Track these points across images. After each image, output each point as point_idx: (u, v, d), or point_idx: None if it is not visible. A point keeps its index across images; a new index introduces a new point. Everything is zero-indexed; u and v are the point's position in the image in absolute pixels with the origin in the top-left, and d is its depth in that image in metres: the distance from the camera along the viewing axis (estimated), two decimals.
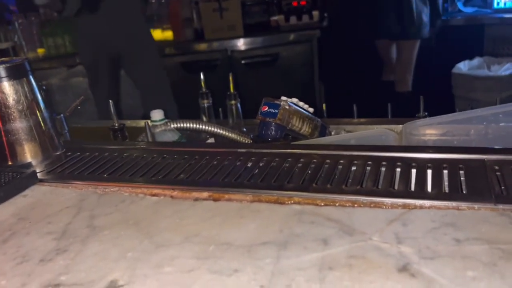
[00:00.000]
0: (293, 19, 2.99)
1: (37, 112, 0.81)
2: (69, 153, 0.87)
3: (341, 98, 2.21)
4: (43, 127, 0.82)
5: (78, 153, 0.87)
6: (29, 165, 0.80)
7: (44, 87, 1.13)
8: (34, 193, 0.73)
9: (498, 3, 3.05)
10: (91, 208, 0.66)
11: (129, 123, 1.40)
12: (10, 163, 0.80)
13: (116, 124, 1.10)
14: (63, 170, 0.80)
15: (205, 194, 0.65)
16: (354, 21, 3.09)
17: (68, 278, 0.50)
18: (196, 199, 0.64)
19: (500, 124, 0.91)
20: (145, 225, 0.59)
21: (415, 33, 2.80)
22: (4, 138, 0.79)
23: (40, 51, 3.15)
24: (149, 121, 1.07)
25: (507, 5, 3.02)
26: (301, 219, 0.56)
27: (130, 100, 2.52)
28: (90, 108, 2.45)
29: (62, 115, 1.18)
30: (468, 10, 3.11)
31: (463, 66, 2.72)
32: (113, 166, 0.79)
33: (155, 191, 0.68)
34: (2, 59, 0.84)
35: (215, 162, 0.75)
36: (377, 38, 2.98)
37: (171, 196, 0.66)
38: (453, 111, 0.98)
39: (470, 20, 2.99)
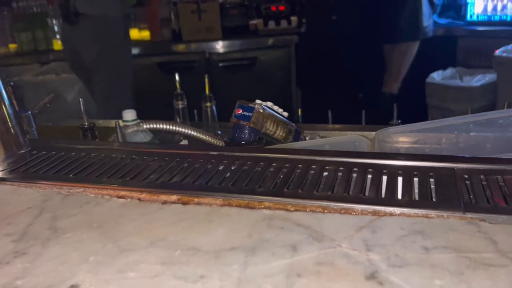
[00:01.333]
0: (271, 24, 3.00)
1: (1, 109, 0.78)
2: (35, 152, 0.84)
3: (317, 104, 2.22)
4: (7, 124, 0.79)
5: (44, 152, 0.84)
6: None
7: (12, 83, 1.09)
8: None
9: (471, 16, 3.13)
10: (54, 209, 0.63)
11: (100, 122, 1.37)
12: None
13: (86, 123, 1.07)
14: (27, 169, 0.77)
15: (174, 197, 0.63)
16: (331, 28, 3.12)
17: (26, 282, 0.48)
18: (165, 202, 0.63)
19: (471, 134, 0.93)
20: (110, 228, 0.57)
21: (414, 35, 2.85)
22: None
23: (12, 46, 3.06)
24: (120, 121, 1.05)
25: (480, 18, 3.11)
26: (270, 224, 0.55)
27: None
28: (62, 106, 2.39)
29: (29, 112, 1.15)
30: (442, 21, 3.18)
31: (436, 76, 2.77)
32: (79, 166, 0.76)
33: (122, 193, 0.66)
34: None
35: (186, 165, 0.74)
36: (380, 43, 3.00)
37: (139, 199, 0.64)
38: (426, 119, 0.99)
39: (444, 32, 3.05)
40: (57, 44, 2.96)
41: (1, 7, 3.04)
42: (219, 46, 2.95)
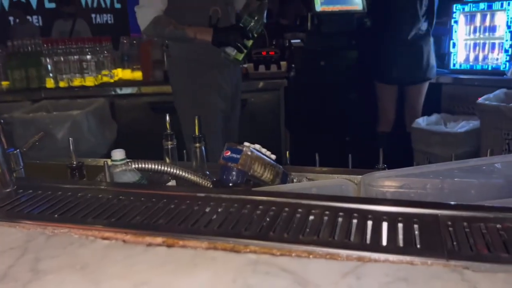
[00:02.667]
0: (261, 68, 3.07)
1: None
2: (21, 191, 0.83)
3: (305, 146, 2.25)
4: None
5: (31, 191, 0.83)
6: None
7: (2, 121, 1.10)
8: None
9: (454, 65, 3.25)
10: (37, 250, 0.62)
11: (89, 161, 1.37)
12: None
13: (74, 162, 1.06)
14: (12, 208, 0.76)
15: (159, 240, 0.63)
16: (319, 73, 3.21)
17: None
18: (149, 244, 0.62)
19: (455, 179, 0.95)
20: (93, 270, 0.56)
21: (424, 76, 2.98)
22: None
23: (4, 83, 3.07)
24: (108, 160, 1.05)
25: (463, 67, 3.22)
26: (256, 269, 0.55)
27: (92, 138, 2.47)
28: (52, 144, 2.38)
29: (18, 150, 1.14)
30: None
31: (422, 122, 2.84)
32: (65, 206, 0.76)
33: (107, 234, 0.65)
34: None
35: (172, 206, 0.74)
36: (381, 82, 3.10)
37: (123, 240, 0.64)
38: (411, 164, 1.01)
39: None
40: (50, 82, 2.99)
41: None
42: None
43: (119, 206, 0.75)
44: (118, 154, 1.10)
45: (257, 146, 0.99)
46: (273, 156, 1.02)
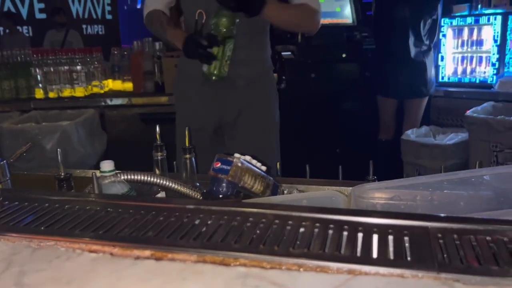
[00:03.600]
0: None
1: None
2: (6, 203, 0.82)
3: (295, 158, 2.25)
4: None
5: (16, 203, 0.82)
6: None
7: None
8: None
9: (442, 77, 3.29)
10: (22, 264, 0.61)
11: (78, 172, 1.35)
12: None
13: (62, 173, 1.05)
14: None
15: (147, 253, 0.62)
16: (310, 85, 3.24)
17: None
18: (137, 258, 0.61)
19: (445, 191, 0.95)
20: (79, 284, 0.55)
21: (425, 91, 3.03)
22: None
23: None
24: (97, 172, 1.03)
25: (451, 80, 3.26)
26: (245, 283, 0.54)
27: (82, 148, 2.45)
28: (40, 155, 2.36)
29: (5, 161, 1.13)
30: None
31: (411, 133, 2.86)
32: (52, 218, 0.74)
33: (94, 247, 0.64)
34: None
35: (161, 218, 0.73)
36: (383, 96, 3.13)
37: (111, 253, 0.63)
38: (401, 176, 1.02)
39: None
40: (39, 93, 2.97)
41: None
42: None
43: (107, 218, 0.74)
44: (107, 165, 1.09)
45: (248, 158, 0.99)
46: (264, 168, 1.02)
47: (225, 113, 1.79)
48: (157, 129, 1.23)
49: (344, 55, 3.25)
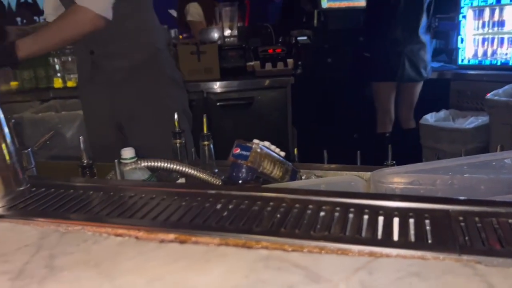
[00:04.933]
0: (268, 66, 3.07)
1: (3, 145, 0.79)
2: (34, 189, 0.85)
3: (313, 143, 2.25)
4: (8, 161, 0.80)
5: (43, 189, 0.84)
6: None
7: (13, 120, 1.11)
8: None
9: (462, 60, 3.23)
10: (52, 247, 0.63)
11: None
12: None
13: (85, 161, 1.07)
14: (25, 206, 0.77)
15: (171, 236, 0.64)
16: (326, 70, 3.21)
17: None
18: (162, 241, 0.63)
19: (465, 175, 0.94)
20: (107, 266, 0.57)
21: (420, 75, 2.97)
22: None
23: (13, 84, 3.10)
24: (119, 160, 1.05)
25: (471, 62, 3.20)
26: (268, 265, 0.55)
27: None
28: (61, 143, 2.40)
29: (30, 149, 1.15)
30: (435, 65, 3.28)
31: (430, 118, 2.83)
32: (78, 204, 0.77)
33: (120, 231, 0.66)
34: None
35: (183, 203, 0.74)
36: (376, 81, 3.09)
37: (136, 237, 0.64)
38: (420, 160, 1.01)
39: (436, 75, 3.14)
40: (58, 82, 3.01)
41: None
42: (217, 86, 3.01)
43: (131, 203, 0.75)
44: (128, 152, 1.10)
45: (267, 143, 1.00)
46: (283, 153, 1.02)
47: (116, 108, 1.77)
48: (175, 116, 1.25)
49: (361, 39, 3.20)
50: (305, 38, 3.26)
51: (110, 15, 1.55)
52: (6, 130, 0.80)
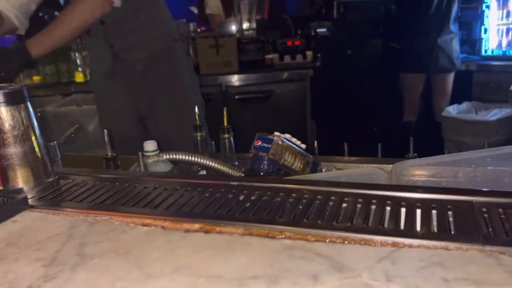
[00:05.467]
0: (287, 58, 3.06)
1: (32, 138, 0.82)
2: (62, 180, 0.87)
3: (332, 136, 2.25)
4: (37, 154, 0.83)
5: (71, 181, 0.87)
6: (20, 190, 0.80)
7: (39, 114, 1.14)
8: (24, 219, 0.73)
9: (485, 51, 3.17)
10: (81, 236, 0.65)
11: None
12: (1, 188, 0.80)
13: (109, 154, 1.10)
14: (54, 197, 0.80)
15: (196, 226, 0.65)
16: (346, 62, 3.19)
17: None
18: (187, 231, 0.64)
19: (488, 168, 0.93)
20: (135, 255, 0.59)
21: (453, 65, 2.95)
22: None
23: (36, 78, 3.17)
24: (142, 152, 1.08)
25: (495, 53, 3.13)
26: (291, 254, 0.56)
27: None
28: (83, 136, 2.45)
29: (55, 142, 1.19)
30: None
31: (452, 110, 2.79)
32: (105, 195, 0.79)
33: (146, 221, 0.68)
34: (1, 85, 0.85)
35: (207, 194, 0.76)
36: (405, 72, 3.07)
37: (162, 227, 0.66)
38: (442, 153, 1.00)
39: (459, 66, 3.09)
40: (79, 76, 3.07)
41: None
42: (236, 79, 3.02)
43: (155, 194, 0.77)
44: (150, 145, 1.13)
45: (288, 136, 1.00)
46: (303, 146, 1.03)
47: (137, 99, 1.81)
48: (196, 110, 1.26)
49: (381, 30, 3.17)
50: (324, 30, 3.24)
51: (118, 1, 1.58)
52: (35, 123, 0.83)
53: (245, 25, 3.41)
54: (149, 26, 1.75)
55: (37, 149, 0.82)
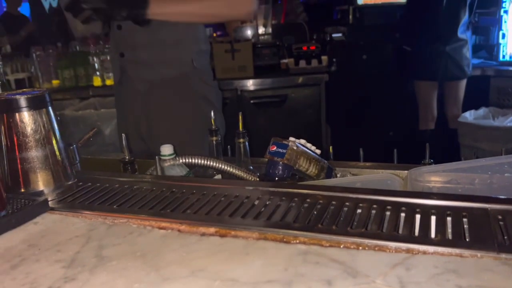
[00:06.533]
0: (302, 63, 3.07)
1: (53, 142, 0.84)
2: (80, 183, 0.89)
3: (347, 142, 2.24)
4: (58, 157, 0.85)
5: (89, 184, 0.89)
6: (41, 193, 0.82)
7: (58, 118, 1.17)
8: (44, 220, 0.75)
9: (503, 56, 3.13)
10: (100, 238, 0.67)
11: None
12: (23, 190, 0.82)
13: (127, 157, 1.12)
14: (74, 200, 0.82)
15: (212, 230, 0.66)
16: (361, 67, 3.18)
17: None
18: (203, 234, 0.66)
19: (505, 175, 0.93)
20: (152, 257, 0.60)
21: (464, 73, 2.92)
22: (19, 166, 0.82)
23: (55, 82, 3.23)
24: (159, 156, 1.09)
25: None
26: (306, 259, 0.57)
27: None
28: (99, 140, 2.49)
29: (74, 145, 1.21)
30: (474, 61, 3.19)
31: (469, 116, 2.76)
32: (122, 198, 0.81)
33: (163, 224, 0.69)
34: (24, 90, 0.87)
35: (222, 198, 0.77)
36: (417, 79, 3.05)
37: (179, 230, 0.67)
38: (458, 159, 1.00)
39: (476, 71, 3.06)
40: (97, 81, 3.12)
41: (47, 46, 3.24)
42: (251, 84, 3.03)
43: (172, 198, 0.79)
44: (167, 149, 1.14)
45: (302, 141, 1.01)
46: (318, 151, 1.03)
47: (138, 119, 1.63)
48: (212, 114, 1.28)
49: (397, 35, 3.15)
50: (339, 35, 3.24)
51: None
52: (56, 127, 0.85)
53: (261, 30, 3.43)
54: (164, 46, 1.53)
55: (57, 153, 0.85)
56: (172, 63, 1.56)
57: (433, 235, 0.60)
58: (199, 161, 1.12)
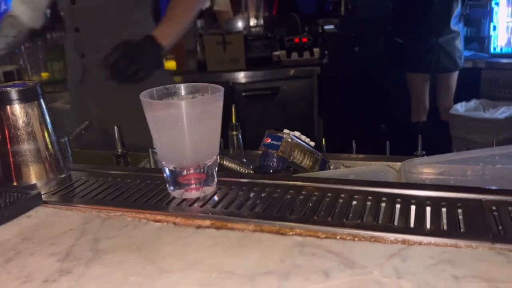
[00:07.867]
0: (294, 55, 3.06)
1: (46, 135, 0.83)
2: (74, 177, 0.88)
3: (339, 134, 2.25)
4: (50, 150, 0.84)
5: (82, 177, 0.88)
6: (34, 186, 0.81)
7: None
8: (38, 214, 0.74)
9: (494, 48, 3.15)
10: (95, 232, 0.66)
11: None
12: (15, 183, 0.81)
13: (120, 150, 1.11)
14: (67, 193, 0.81)
15: (207, 222, 0.66)
16: (353, 59, 3.18)
17: None
18: (199, 227, 0.65)
19: (497, 166, 0.93)
20: (148, 250, 0.60)
21: (456, 65, 2.94)
22: (11, 159, 0.80)
23: (44, 75, 3.19)
24: (152, 149, 1.09)
25: (504, 51, 3.12)
26: (302, 251, 0.57)
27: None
28: (92, 133, 2.46)
29: (66, 138, 1.20)
30: (466, 53, 3.21)
31: (460, 108, 2.78)
32: (116, 191, 0.80)
33: (158, 217, 0.69)
34: (15, 82, 0.86)
35: (217, 191, 0.77)
36: (409, 71, 3.06)
37: (174, 223, 0.67)
38: (450, 151, 1.01)
39: (468, 63, 3.08)
40: None
41: (35, 38, 3.20)
42: (243, 76, 3.02)
43: (167, 190, 0.78)
44: None
45: (297, 133, 1.01)
46: (312, 143, 1.03)
47: (103, 115, 1.67)
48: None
49: (389, 28, 3.16)
50: (331, 27, 3.24)
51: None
52: (48, 120, 0.84)
53: (252, 22, 3.41)
54: None
55: (50, 146, 0.84)
56: None
57: (428, 226, 0.61)
58: None
